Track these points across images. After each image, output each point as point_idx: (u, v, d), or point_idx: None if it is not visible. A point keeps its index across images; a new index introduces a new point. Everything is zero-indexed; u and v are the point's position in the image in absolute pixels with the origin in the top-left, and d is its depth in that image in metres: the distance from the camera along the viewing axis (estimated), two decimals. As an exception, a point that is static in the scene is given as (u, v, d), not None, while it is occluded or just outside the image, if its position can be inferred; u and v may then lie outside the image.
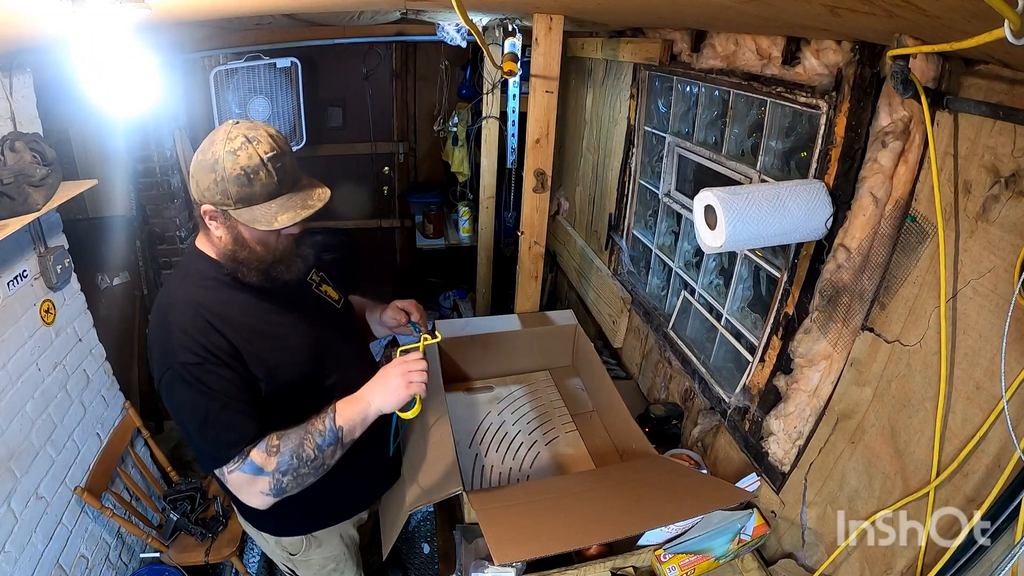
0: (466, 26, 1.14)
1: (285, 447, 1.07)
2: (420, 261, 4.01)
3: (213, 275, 1.12)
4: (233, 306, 1.11)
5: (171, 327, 1.05)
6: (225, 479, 1.08)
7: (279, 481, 1.07)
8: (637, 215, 2.31)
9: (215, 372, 1.04)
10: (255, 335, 1.11)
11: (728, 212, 1.10)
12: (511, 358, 2.19)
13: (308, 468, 1.09)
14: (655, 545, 1.39)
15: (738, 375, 1.60)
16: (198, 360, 1.03)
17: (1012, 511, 0.84)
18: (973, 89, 0.91)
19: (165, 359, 1.04)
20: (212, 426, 1.04)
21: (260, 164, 1.01)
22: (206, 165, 1.02)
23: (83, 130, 2.37)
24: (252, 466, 1.05)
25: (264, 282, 1.12)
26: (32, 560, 1.59)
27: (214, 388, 1.04)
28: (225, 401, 1.04)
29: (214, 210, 1.05)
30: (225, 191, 1.02)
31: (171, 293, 1.12)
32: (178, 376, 1.03)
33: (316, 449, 1.09)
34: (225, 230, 1.08)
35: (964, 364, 0.95)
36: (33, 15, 0.99)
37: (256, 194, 1.03)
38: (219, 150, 1.01)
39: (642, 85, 2.11)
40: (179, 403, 1.05)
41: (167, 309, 1.09)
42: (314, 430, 1.10)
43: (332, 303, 1.33)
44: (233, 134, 1.02)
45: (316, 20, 2.47)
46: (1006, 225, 0.87)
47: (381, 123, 3.71)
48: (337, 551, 1.46)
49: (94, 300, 2.08)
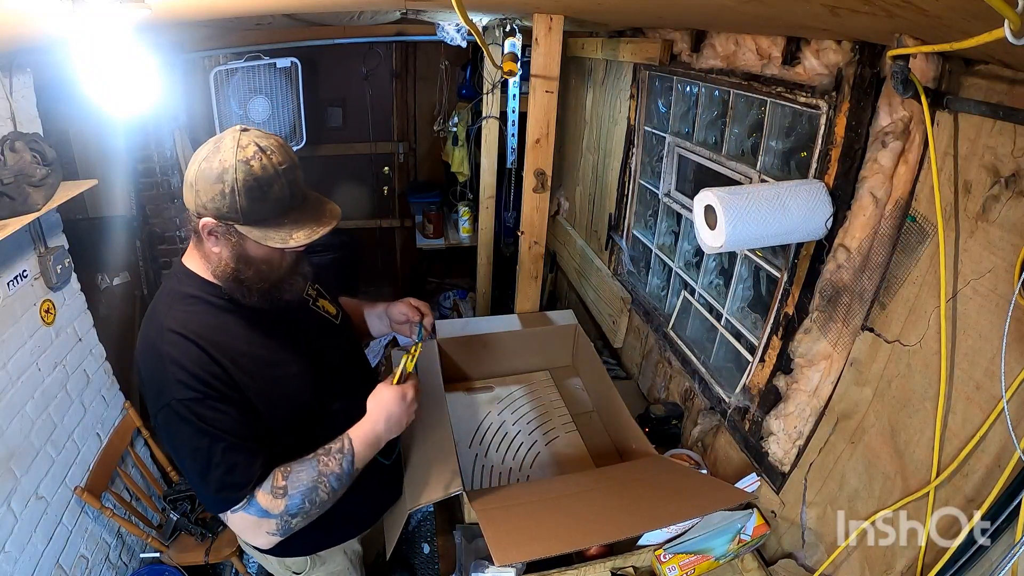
0: (466, 26, 1.14)
1: (294, 489, 1.01)
2: (420, 261, 4.01)
3: (204, 297, 1.03)
4: (228, 331, 1.02)
5: (163, 360, 0.96)
6: (228, 521, 1.01)
7: (287, 523, 1.02)
8: (637, 215, 2.31)
9: (215, 407, 0.96)
10: (255, 363, 1.03)
11: (728, 212, 1.10)
12: (511, 358, 2.19)
13: (319, 509, 1.05)
14: (655, 545, 1.39)
15: (738, 375, 1.60)
16: (196, 396, 0.95)
17: (1012, 511, 0.83)
18: (973, 89, 0.91)
19: (160, 396, 0.96)
20: (215, 467, 0.96)
21: (275, 176, 0.93)
22: (211, 174, 0.91)
23: (83, 130, 2.37)
24: (258, 509, 0.99)
25: (264, 304, 1.05)
26: (32, 560, 1.59)
27: (215, 426, 0.95)
28: (227, 440, 0.96)
29: (215, 224, 0.95)
30: (234, 204, 0.92)
31: (159, 320, 1.01)
32: (175, 414, 0.94)
33: (330, 492, 1.04)
34: (227, 247, 0.99)
35: (964, 364, 0.95)
36: (33, 15, 0.99)
37: (268, 209, 0.94)
38: (228, 158, 0.91)
39: (642, 85, 2.11)
40: (178, 443, 0.97)
41: (157, 339, 0.98)
42: (330, 473, 1.04)
43: (331, 320, 1.26)
44: (244, 141, 0.92)
45: (316, 20, 2.47)
46: (1006, 225, 0.87)
47: (381, 123, 3.72)
48: (341, 567, 1.41)
49: (94, 300, 2.08)
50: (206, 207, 0.94)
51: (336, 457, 1.05)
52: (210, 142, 0.95)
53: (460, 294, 3.90)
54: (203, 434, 0.95)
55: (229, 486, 0.97)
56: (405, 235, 4.06)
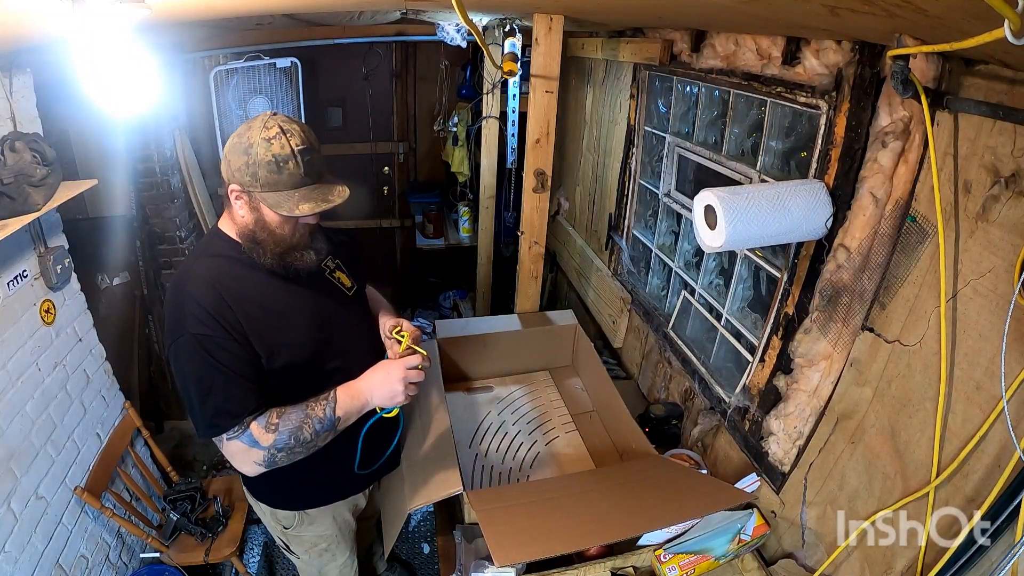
0: (466, 26, 1.14)
1: (284, 427, 1.14)
2: (420, 261, 4.01)
3: (231, 255, 1.19)
4: (245, 283, 1.17)
5: (185, 297, 1.12)
6: (222, 445, 1.14)
7: (273, 455, 1.14)
8: (637, 215, 2.31)
9: (222, 345, 1.10)
10: (263, 313, 1.17)
11: (728, 212, 1.10)
12: (511, 358, 2.19)
13: (302, 448, 1.17)
14: (655, 545, 1.39)
15: (738, 375, 1.60)
16: (209, 332, 1.09)
17: (1012, 511, 0.84)
18: (973, 89, 0.91)
19: (178, 327, 1.10)
20: (215, 395, 1.10)
21: (290, 154, 1.08)
22: (240, 148, 1.09)
23: (83, 130, 2.37)
24: (250, 438, 1.12)
25: (277, 266, 1.18)
26: (32, 560, 1.59)
27: (221, 360, 1.10)
28: (230, 374, 1.10)
29: (240, 190, 1.12)
30: (255, 174, 1.08)
31: (190, 267, 1.18)
32: (188, 345, 1.09)
33: (313, 434, 1.16)
34: (248, 210, 1.14)
35: (964, 364, 0.95)
36: (33, 15, 0.99)
37: (283, 182, 1.09)
38: (255, 136, 1.08)
39: (642, 85, 2.11)
40: (186, 370, 1.11)
41: (184, 280, 1.15)
42: (314, 416, 1.16)
43: (344, 290, 1.36)
44: (270, 124, 1.08)
45: (316, 20, 2.47)
46: (1006, 225, 0.87)
47: (381, 123, 3.71)
48: (329, 531, 1.50)
49: (94, 300, 2.08)
50: (234, 176, 1.11)
51: (322, 403, 1.17)
52: (245, 122, 1.13)
53: (460, 294, 3.90)
54: (208, 365, 1.09)
55: (224, 413, 1.11)
56: (405, 235, 4.06)
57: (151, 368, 2.84)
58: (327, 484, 1.42)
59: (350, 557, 1.61)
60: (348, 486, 1.47)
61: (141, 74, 1.13)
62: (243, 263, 1.18)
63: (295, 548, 1.52)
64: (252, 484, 1.40)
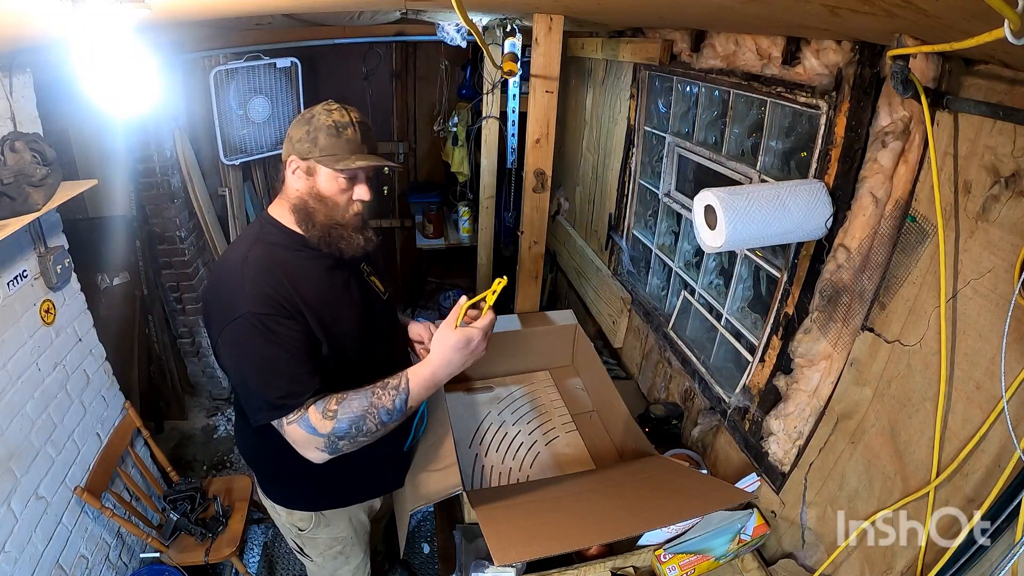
0: (466, 26, 1.14)
1: (344, 415, 1.10)
2: (420, 261, 4.01)
3: (284, 242, 1.20)
4: (301, 269, 1.18)
5: (244, 279, 1.11)
6: (283, 430, 1.11)
7: (335, 443, 1.11)
8: (637, 215, 2.31)
9: (285, 324, 1.09)
10: (319, 300, 1.17)
11: (728, 212, 1.10)
12: (511, 358, 2.19)
13: (367, 437, 1.14)
14: (655, 545, 1.39)
15: (738, 375, 1.60)
16: (270, 312, 1.08)
17: (1012, 511, 0.84)
18: (973, 89, 0.91)
19: (235, 308, 1.08)
20: (279, 375, 1.08)
21: (350, 122, 1.15)
22: (303, 121, 1.16)
23: (83, 130, 2.37)
24: (308, 425, 1.09)
25: (324, 242, 1.19)
26: (32, 560, 1.59)
27: (284, 339, 1.08)
28: (294, 353, 1.09)
29: (300, 162, 1.16)
30: (315, 139, 1.13)
31: (243, 251, 1.17)
32: (248, 324, 1.07)
33: (379, 424, 1.13)
34: (304, 178, 1.17)
35: (964, 364, 0.95)
36: (33, 15, 0.99)
37: (341, 146, 1.14)
38: (317, 110, 1.16)
39: (642, 85, 2.11)
40: (246, 350, 1.08)
41: (240, 263, 1.14)
42: (381, 406, 1.12)
43: (379, 293, 1.39)
44: (332, 105, 1.17)
45: (316, 20, 2.47)
46: (1006, 225, 0.87)
47: (381, 123, 3.71)
48: (345, 533, 1.48)
49: (94, 300, 2.08)
50: (295, 148, 1.16)
51: (391, 393, 1.13)
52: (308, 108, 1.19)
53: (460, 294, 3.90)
54: (272, 344, 1.07)
55: (289, 394, 1.08)
56: (405, 235, 4.06)
57: (151, 368, 2.84)
58: (347, 487, 1.39)
59: (364, 559, 1.59)
60: (368, 490, 1.45)
61: (141, 74, 1.13)
62: (297, 251, 1.20)
63: (309, 551, 1.49)
64: (268, 486, 1.39)
